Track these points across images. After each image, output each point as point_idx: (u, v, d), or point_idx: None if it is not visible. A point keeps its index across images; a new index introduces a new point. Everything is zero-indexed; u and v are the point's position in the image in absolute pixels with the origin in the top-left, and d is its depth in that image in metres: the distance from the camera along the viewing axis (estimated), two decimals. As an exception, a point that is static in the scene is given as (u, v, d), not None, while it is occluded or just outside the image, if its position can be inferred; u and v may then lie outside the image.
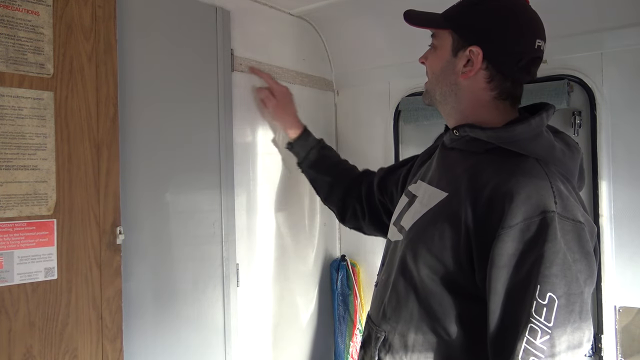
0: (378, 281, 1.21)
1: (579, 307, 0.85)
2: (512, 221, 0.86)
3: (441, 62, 1.07)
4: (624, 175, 1.63)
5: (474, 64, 1.02)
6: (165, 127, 1.58)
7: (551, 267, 0.84)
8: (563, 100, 1.65)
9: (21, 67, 1.21)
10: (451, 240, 0.96)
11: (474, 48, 1.01)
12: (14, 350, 1.18)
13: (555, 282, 0.84)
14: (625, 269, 1.63)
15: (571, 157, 1.02)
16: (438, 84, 1.09)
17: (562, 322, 0.84)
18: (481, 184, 0.94)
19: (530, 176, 0.91)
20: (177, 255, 1.60)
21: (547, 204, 0.87)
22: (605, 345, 1.65)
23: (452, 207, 0.98)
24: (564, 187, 0.92)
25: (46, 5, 1.25)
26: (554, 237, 0.85)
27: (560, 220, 0.86)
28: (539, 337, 0.83)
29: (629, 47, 1.59)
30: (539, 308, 0.83)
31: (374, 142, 2.24)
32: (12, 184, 1.19)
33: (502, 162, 0.97)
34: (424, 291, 1.00)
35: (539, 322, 0.83)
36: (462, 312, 0.96)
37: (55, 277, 1.25)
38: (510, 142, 0.97)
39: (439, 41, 1.08)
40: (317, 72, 2.25)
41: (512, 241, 0.86)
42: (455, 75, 1.05)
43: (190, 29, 1.67)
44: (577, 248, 0.87)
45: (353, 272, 2.24)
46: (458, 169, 1.04)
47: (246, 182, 1.88)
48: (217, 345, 1.72)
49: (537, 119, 0.98)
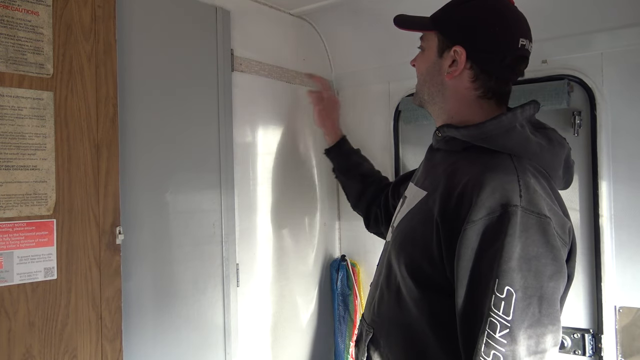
0: (372, 282, 1.23)
1: (537, 300, 0.85)
2: (477, 215, 0.87)
3: (427, 63, 1.09)
4: (624, 175, 1.63)
5: (459, 63, 1.03)
6: (165, 127, 1.58)
7: (509, 261, 0.84)
8: (563, 100, 1.65)
9: (21, 67, 1.21)
10: (424, 238, 0.97)
11: (457, 48, 1.03)
12: (14, 350, 1.18)
13: (513, 276, 0.84)
14: (625, 269, 1.63)
15: (551, 151, 1.02)
16: (425, 85, 1.11)
17: (520, 316, 0.84)
18: (455, 182, 0.96)
19: (497, 171, 0.92)
20: (177, 255, 1.60)
21: (511, 197, 0.87)
22: (605, 345, 1.65)
23: (428, 205, 1.00)
24: (534, 180, 0.92)
25: (46, 5, 1.25)
26: (514, 231, 0.85)
27: (523, 214, 0.86)
28: (498, 331, 0.83)
29: (629, 47, 1.59)
30: (498, 302, 0.84)
31: (374, 142, 2.24)
32: (12, 184, 1.19)
33: (475, 159, 0.99)
34: (404, 288, 1.03)
35: (497, 316, 0.83)
36: (438, 308, 0.97)
37: (54, 277, 1.25)
38: (482, 138, 0.99)
39: (426, 43, 1.10)
40: (317, 72, 2.25)
41: (476, 235, 0.87)
42: (441, 75, 1.06)
43: (190, 29, 1.67)
44: (541, 242, 0.87)
45: (353, 272, 2.24)
46: (439, 169, 1.07)
47: (246, 182, 1.88)
48: (217, 345, 1.72)
49: (509, 115, 0.99)
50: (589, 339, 1.68)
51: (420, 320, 1.00)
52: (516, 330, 0.83)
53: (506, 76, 1.05)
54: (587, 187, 1.70)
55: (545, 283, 0.86)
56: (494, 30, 1.02)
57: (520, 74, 1.07)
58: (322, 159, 2.28)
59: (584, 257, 1.70)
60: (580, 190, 1.72)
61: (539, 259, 0.86)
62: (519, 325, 0.84)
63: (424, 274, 0.98)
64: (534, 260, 0.86)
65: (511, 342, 0.83)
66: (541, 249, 0.87)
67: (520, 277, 0.84)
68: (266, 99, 1.99)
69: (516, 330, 0.83)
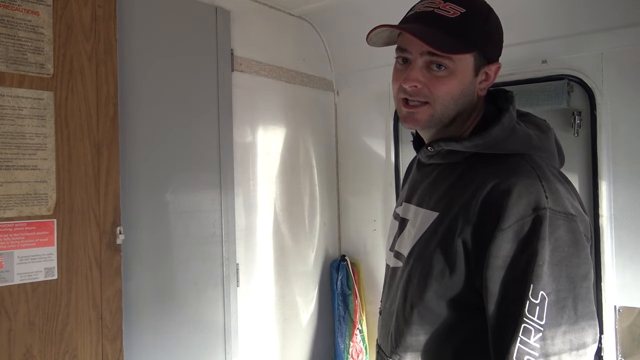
0: (382, 309, 1.19)
1: (572, 302, 0.84)
2: (506, 223, 0.86)
3: (462, 84, 0.98)
4: (624, 175, 1.63)
5: (492, 78, 1.01)
6: (165, 127, 1.58)
7: (543, 265, 0.83)
8: (563, 100, 1.65)
9: (21, 67, 1.21)
10: (449, 260, 0.94)
11: (497, 65, 1.00)
12: (14, 350, 1.18)
13: (546, 280, 0.83)
14: (625, 269, 1.63)
15: (547, 139, 1.01)
16: (456, 107, 0.99)
17: (554, 319, 0.82)
18: (469, 195, 0.93)
19: (517, 175, 0.90)
20: (177, 255, 1.60)
21: (539, 200, 0.86)
22: (605, 345, 1.65)
23: (445, 226, 0.96)
24: (552, 177, 0.91)
25: (46, 5, 1.25)
26: (545, 234, 0.84)
27: (552, 215, 0.85)
28: (533, 336, 0.82)
29: (629, 47, 1.59)
30: (532, 307, 0.82)
31: (374, 142, 2.24)
32: (12, 184, 1.19)
33: (485, 167, 0.96)
34: (430, 316, 0.99)
35: (531, 322, 0.82)
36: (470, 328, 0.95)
37: (55, 277, 1.25)
38: (490, 146, 0.96)
39: (457, 64, 0.97)
40: (317, 72, 2.25)
41: (507, 242, 0.86)
42: (475, 93, 1.00)
43: (191, 29, 1.67)
44: (570, 242, 0.86)
45: (353, 272, 2.24)
46: (443, 185, 1.02)
47: (246, 182, 1.88)
48: (217, 345, 1.72)
49: (507, 117, 0.96)
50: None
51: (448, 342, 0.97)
52: (550, 335, 0.82)
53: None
54: (587, 187, 1.70)
55: (578, 284, 0.85)
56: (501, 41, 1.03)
57: None
58: (322, 159, 2.28)
59: (584, 257, 1.70)
60: (580, 190, 1.72)
61: (570, 260, 0.85)
62: (553, 329, 0.82)
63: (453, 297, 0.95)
64: (565, 261, 0.84)
65: (544, 347, 0.82)
66: (572, 249, 0.85)
67: (552, 281, 0.83)
68: (266, 99, 1.99)
69: (550, 335, 0.82)
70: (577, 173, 1.72)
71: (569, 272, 0.84)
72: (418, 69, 0.97)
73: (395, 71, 1.03)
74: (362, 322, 2.24)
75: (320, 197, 2.25)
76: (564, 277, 0.84)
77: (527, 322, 0.83)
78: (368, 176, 2.27)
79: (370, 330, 2.27)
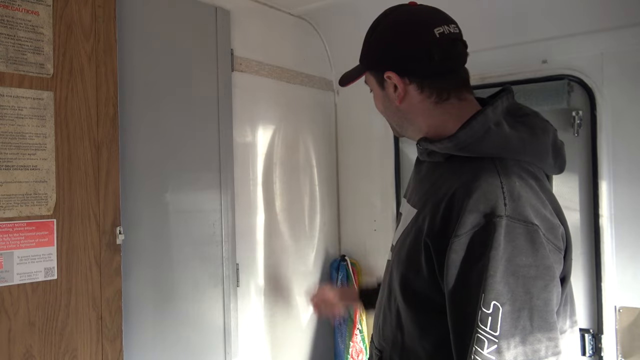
0: (377, 301, 1.20)
1: (527, 313, 0.81)
2: (462, 230, 0.84)
3: (379, 99, 1.11)
4: (624, 175, 1.63)
5: (398, 85, 1.03)
6: (165, 127, 1.58)
7: (495, 275, 0.81)
8: (563, 100, 1.65)
9: (21, 67, 1.21)
10: (416, 259, 0.94)
11: (388, 74, 1.03)
12: (14, 350, 1.18)
13: (499, 289, 0.80)
14: (625, 269, 1.63)
15: (535, 142, 0.98)
16: (391, 119, 1.12)
17: (509, 330, 0.80)
18: (440, 197, 0.93)
19: (480, 180, 0.88)
20: (177, 255, 1.60)
21: (495, 207, 0.84)
22: (605, 345, 1.65)
23: (418, 224, 0.97)
24: (520, 184, 0.89)
25: (46, 5, 1.25)
26: (500, 242, 0.81)
27: (509, 223, 0.82)
28: (486, 347, 0.80)
29: (629, 47, 1.59)
30: (484, 317, 0.81)
31: (374, 142, 2.24)
32: (12, 184, 1.19)
33: (458, 169, 0.96)
34: (403, 311, 1.00)
35: (484, 332, 0.81)
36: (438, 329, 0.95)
37: (55, 277, 1.25)
38: (460, 149, 0.95)
39: (369, 84, 1.13)
40: (317, 72, 2.25)
41: (461, 250, 0.84)
42: (393, 104, 1.07)
43: (190, 29, 1.67)
44: (529, 252, 0.83)
45: (353, 272, 2.24)
46: (427, 183, 1.04)
47: (246, 182, 1.88)
48: (217, 345, 1.72)
49: (479, 119, 0.95)
50: (589, 339, 1.68)
51: (420, 342, 0.98)
52: (505, 346, 0.80)
53: (447, 69, 1.02)
54: (587, 187, 1.70)
55: (535, 295, 0.82)
56: (404, 41, 1.01)
57: (462, 56, 1.02)
58: (322, 158, 2.28)
59: (584, 257, 1.70)
60: (580, 190, 1.72)
61: (528, 270, 0.82)
62: (508, 340, 0.80)
63: (419, 295, 0.96)
64: (521, 271, 0.82)
65: (499, 358, 0.80)
66: (530, 259, 0.83)
67: (507, 291, 0.81)
68: (266, 99, 1.99)
69: (505, 346, 0.80)
70: (577, 173, 1.72)
71: (525, 283, 0.82)
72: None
73: None
74: (362, 322, 2.24)
75: (320, 197, 2.25)
76: (520, 288, 0.82)
77: (480, 332, 0.81)
78: (368, 176, 2.27)
79: (370, 330, 2.27)
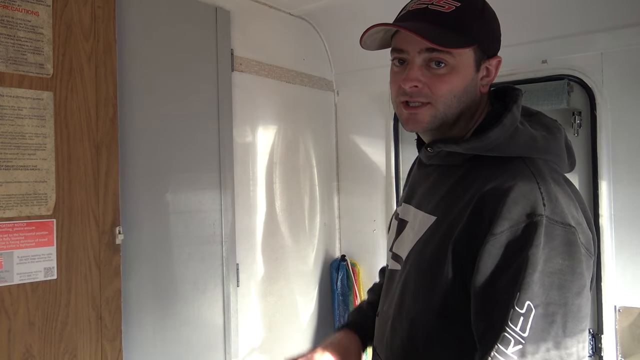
0: (379, 311, 1.17)
1: (561, 318, 0.78)
2: (499, 228, 0.81)
3: (464, 82, 0.93)
4: (624, 175, 1.62)
5: (493, 73, 0.96)
6: (165, 127, 1.58)
7: (533, 274, 0.78)
8: (563, 100, 1.65)
9: (21, 67, 1.21)
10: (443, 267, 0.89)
11: (498, 59, 0.95)
12: (14, 349, 1.18)
13: (535, 290, 0.78)
14: (625, 269, 1.63)
15: (554, 140, 0.95)
16: (459, 106, 0.95)
17: (538, 334, 0.77)
18: (467, 200, 0.89)
19: (514, 179, 0.85)
20: (177, 255, 1.60)
21: (536, 206, 0.81)
22: (605, 345, 1.65)
23: (441, 231, 0.92)
24: (555, 186, 0.87)
25: (46, 6, 1.25)
26: (540, 241, 0.79)
27: (548, 224, 0.80)
28: (511, 347, 0.77)
29: (629, 47, 1.59)
30: (516, 317, 0.78)
31: (374, 142, 2.24)
32: (12, 184, 1.19)
33: (484, 170, 0.92)
34: (423, 326, 0.95)
35: (512, 332, 0.78)
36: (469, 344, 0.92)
37: (54, 277, 1.25)
38: (490, 149, 0.91)
39: (457, 60, 0.92)
40: (317, 72, 2.25)
41: (498, 248, 0.81)
42: (476, 90, 0.96)
43: (190, 29, 1.67)
44: (566, 255, 0.81)
45: (353, 272, 2.24)
46: (442, 188, 0.98)
47: (246, 182, 1.88)
48: (217, 345, 1.72)
49: (509, 117, 0.91)
50: (588, 339, 1.68)
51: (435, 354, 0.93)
52: (530, 349, 0.77)
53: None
54: (587, 187, 1.70)
55: (570, 299, 0.80)
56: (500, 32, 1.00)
57: None
58: (322, 159, 2.28)
59: (584, 257, 1.70)
60: (580, 190, 1.71)
61: (564, 273, 0.80)
62: (535, 344, 0.77)
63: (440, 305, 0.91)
64: (557, 274, 0.79)
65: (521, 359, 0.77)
66: (566, 262, 0.80)
67: (542, 292, 0.78)
68: (266, 99, 1.99)
69: (530, 349, 0.77)
70: (577, 173, 1.71)
71: (561, 286, 0.79)
72: (417, 68, 0.92)
73: (393, 74, 0.99)
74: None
75: (320, 197, 2.25)
76: (555, 291, 0.79)
77: (508, 331, 0.78)
78: (368, 176, 2.27)
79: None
